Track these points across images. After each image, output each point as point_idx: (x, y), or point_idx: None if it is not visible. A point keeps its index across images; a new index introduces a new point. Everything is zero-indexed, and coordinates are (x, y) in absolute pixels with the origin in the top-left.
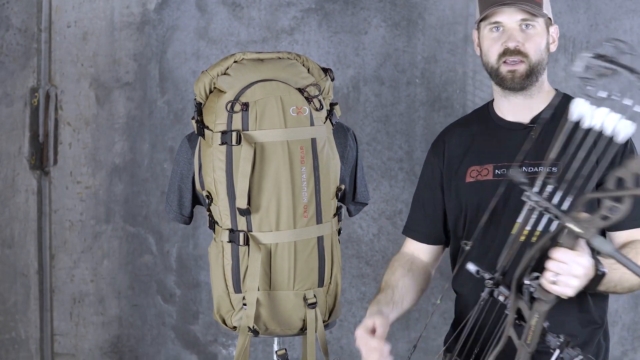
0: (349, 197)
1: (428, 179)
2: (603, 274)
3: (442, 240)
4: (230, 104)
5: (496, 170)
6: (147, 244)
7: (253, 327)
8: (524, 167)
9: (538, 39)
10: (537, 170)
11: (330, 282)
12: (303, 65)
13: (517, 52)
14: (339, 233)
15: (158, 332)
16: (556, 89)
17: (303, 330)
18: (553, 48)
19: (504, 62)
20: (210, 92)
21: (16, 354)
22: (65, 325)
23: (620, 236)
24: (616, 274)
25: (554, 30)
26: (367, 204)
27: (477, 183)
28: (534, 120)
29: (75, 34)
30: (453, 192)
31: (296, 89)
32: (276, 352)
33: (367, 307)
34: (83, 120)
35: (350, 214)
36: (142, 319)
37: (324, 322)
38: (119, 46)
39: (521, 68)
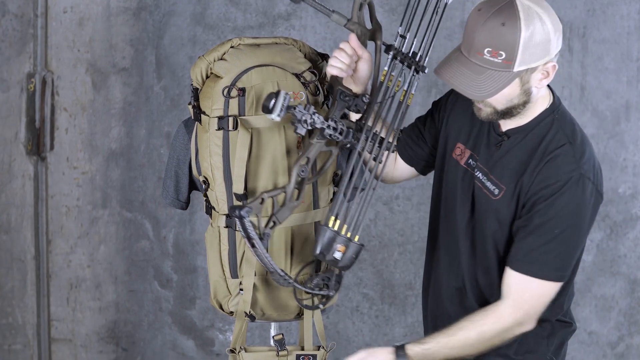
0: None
1: (430, 112)
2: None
3: (414, 164)
4: (226, 89)
5: (469, 160)
6: (143, 230)
7: (250, 312)
8: (476, 171)
9: (507, 93)
10: (483, 180)
11: (327, 268)
12: (300, 50)
13: (480, 101)
14: None
15: (155, 317)
16: (553, 103)
17: (300, 315)
18: (543, 83)
19: None
20: (207, 77)
21: (13, 339)
22: (62, 310)
23: (508, 275)
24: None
25: (550, 67)
26: (363, 189)
27: (455, 162)
28: (510, 131)
29: (71, 19)
30: (440, 159)
31: (293, 74)
32: (273, 337)
33: (363, 292)
34: (79, 105)
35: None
36: (139, 304)
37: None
38: (116, 32)
39: (487, 111)
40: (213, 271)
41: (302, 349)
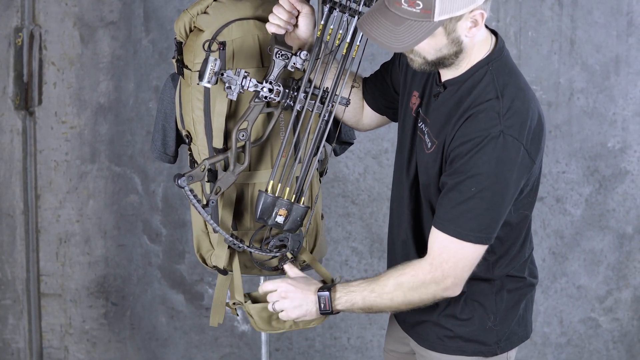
0: (334, 136)
1: (393, 59)
2: None
3: (382, 112)
4: (207, 43)
5: (419, 109)
6: (132, 184)
7: (223, 267)
8: (420, 121)
9: (433, 43)
10: (424, 130)
11: (309, 223)
12: None
13: (410, 51)
14: (325, 173)
15: (144, 271)
16: (491, 53)
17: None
18: (473, 32)
19: None
20: (190, 31)
21: (2, 294)
22: (52, 265)
23: (432, 232)
24: None
25: (478, 15)
26: (352, 144)
27: (410, 110)
28: (447, 82)
29: None
30: (401, 106)
31: None
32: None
33: (352, 246)
34: (67, 59)
35: (335, 154)
36: (128, 258)
37: (303, 262)
38: None
39: (418, 61)
40: (196, 225)
41: None
